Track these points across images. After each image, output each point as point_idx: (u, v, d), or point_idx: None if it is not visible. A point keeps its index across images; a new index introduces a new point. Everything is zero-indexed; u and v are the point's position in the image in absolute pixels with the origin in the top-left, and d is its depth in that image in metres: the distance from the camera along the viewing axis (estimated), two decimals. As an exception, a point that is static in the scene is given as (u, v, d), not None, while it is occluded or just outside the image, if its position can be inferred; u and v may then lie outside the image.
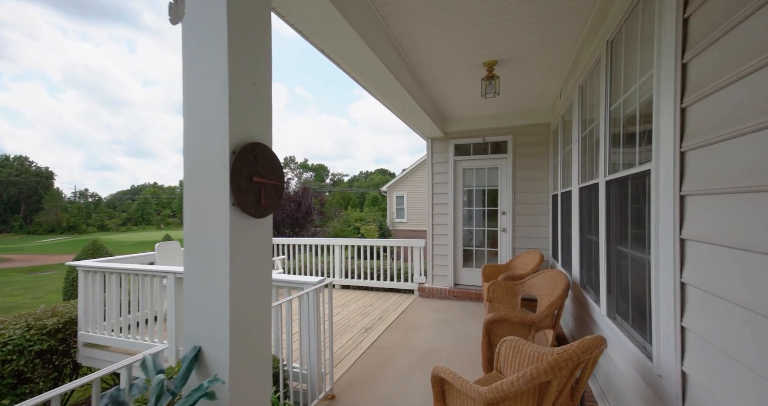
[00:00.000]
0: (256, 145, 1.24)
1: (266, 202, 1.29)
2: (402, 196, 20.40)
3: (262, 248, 1.32)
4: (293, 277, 2.54)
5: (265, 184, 1.28)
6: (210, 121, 1.19)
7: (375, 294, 5.63)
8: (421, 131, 5.16)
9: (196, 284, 1.24)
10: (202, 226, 1.22)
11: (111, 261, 3.62)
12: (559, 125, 4.08)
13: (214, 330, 1.20)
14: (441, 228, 5.39)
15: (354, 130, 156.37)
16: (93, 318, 3.36)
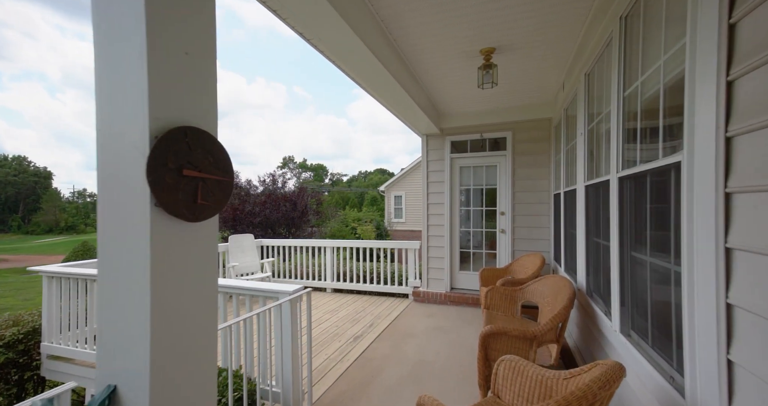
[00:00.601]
0: (188, 129, 0.97)
1: (205, 201, 1.02)
2: (400, 196, 20.18)
3: (203, 259, 1.05)
4: (267, 285, 2.28)
5: (204, 179, 1.02)
6: (125, 97, 0.92)
7: (368, 299, 5.37)
8: (416, 127, 4.91)
9: (111, 305, 0.97)
10: (117, 232, 0.95)
11: (77, 266, 3.34)
12: (561, 120, 3.82)
13: (131, 364, 0.94)
14: (436, 229, 5.13)
15: (353, 130, 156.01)
16: (57, 328, 3.08)
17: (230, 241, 5.41)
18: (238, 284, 2.28)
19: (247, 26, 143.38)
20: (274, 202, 13.39)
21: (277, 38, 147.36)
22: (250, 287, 2.25)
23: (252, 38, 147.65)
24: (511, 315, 3.26)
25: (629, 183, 1.81)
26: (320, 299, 5.39)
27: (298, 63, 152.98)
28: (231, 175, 1.13)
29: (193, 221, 1.00)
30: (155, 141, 0.89)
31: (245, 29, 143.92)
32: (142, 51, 0.89)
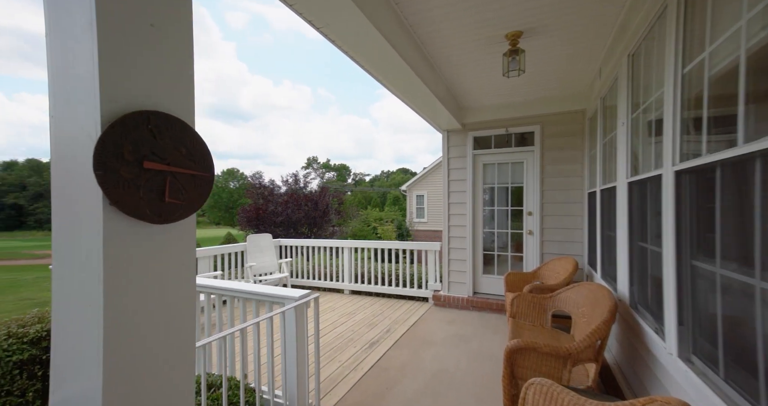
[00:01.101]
0: (153, 115, 0.83)
1: (176, 199, 0.87)
2: (422, 196, 19.88)
3: (175, 266, 0.91)
4: (273, 289, 2.15)
5: (174, 173, 0.87)
6: (77, 75, 0.79)
7: (386, 301, 5.18)
8: (437, 123, 4.66)
9: (62, 320, 0.85)
10: (70, 236, 0.82)
11: None
12: (597, 111, 3.46)
13: (83, 390, 0.80)
14: (458, 230, 4.86)
15: (375, 130, 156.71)
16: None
17: (248, 240, 5.41)
18: (244, 288, 2.17)
19: (274, 30, 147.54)
20: (295, 201, 13.53)
21: (302, 40, 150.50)
22: (256, 291, 2.13)
23: (279, 42, 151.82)
24: (540, 325, 2.97)
25: (690, 178, 1.51)
26: (337, 301, 5.27)
27: (322, 65, 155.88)
28: (209, 169, 0.98)
29: (161, 222, 0.86)
30: (107, 127, 0.75)
31: (272, 33, 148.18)
32: (92, 19, 0.74)
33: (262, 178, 14.84)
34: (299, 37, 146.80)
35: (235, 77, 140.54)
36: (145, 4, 0.83)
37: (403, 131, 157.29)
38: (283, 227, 13.30)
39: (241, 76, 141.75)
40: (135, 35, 0.81)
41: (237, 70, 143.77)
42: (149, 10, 0.84)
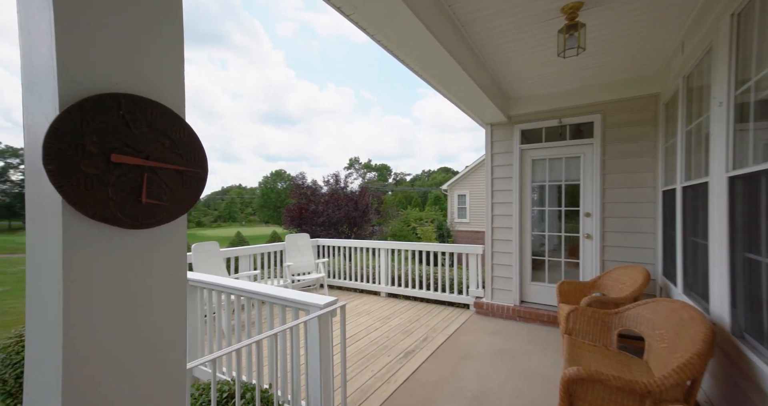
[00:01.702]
0: (125, 99, 0.69)
1: (157, 199, 0.74)
2: (464, 195, 19.20)
3: (161, 279, 0.77)
4: (298, 294, 2.02)
5: (154, 169, 0.73)
6: (39, 53, 0.67)
7: (423, 307, 4.92)
8: (479, 116, 4.30)
9: (34, 342, 0.75)
10: (37, 242, 0.72)
11: None
12: (678, 93, 2.89)
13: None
14: (503, 232, 4.45)
15: (417, 129, 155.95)
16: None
17: (286, 240, 5.48)
18: (268, 292, 2.08)
19: (320, 37, 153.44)
20: (336, 201, 13.73)
21: (346, 44, 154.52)
22: (280, 295, 2.02)
23: (324, 47, 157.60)
24: (603, 346, 2.53)
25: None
26: (373, 303, 5.12)
27: (365, 66, 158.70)
28: (201, 164, 0.83)
29: (138, 227, 0.72)
30: (61, 112, 0.63)
31: (319, 39, 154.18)
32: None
33: (305, 179, 15.28)
34: (343, 41, 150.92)
35: (284, 84, 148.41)
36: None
37: (446, 130, 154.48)
38: (324, 226, 13.56)
39: (289, 82, 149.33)
40: (104, 3, 0.68)
41: (285, 77, 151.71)
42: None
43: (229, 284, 2.35)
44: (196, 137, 0.82)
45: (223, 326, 2.51)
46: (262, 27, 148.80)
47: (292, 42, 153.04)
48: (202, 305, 2.64)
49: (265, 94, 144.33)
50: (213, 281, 2.46)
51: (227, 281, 2.41)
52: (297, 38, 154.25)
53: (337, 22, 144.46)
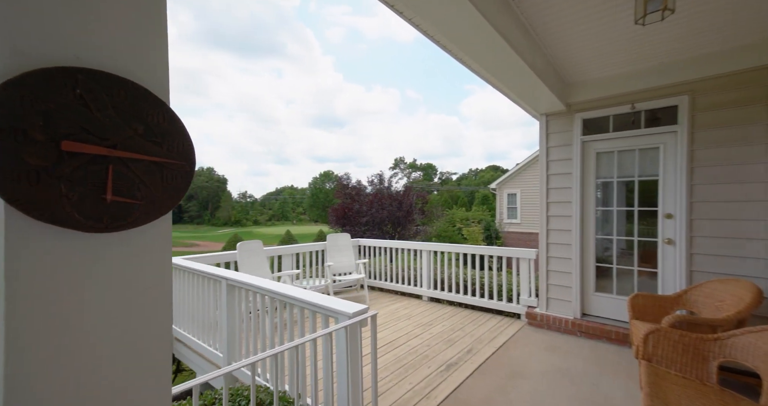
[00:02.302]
0: (82, 73, 0.58)
1: (127, 197, 0.63)
2: (514, 194, 18.08)
3: (139, 292, 0.66)
4: (327, 300, 1.89)
5: (124, 160, 0.62)
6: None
7: (468, 314, 4.58)
8: (533, 106, 3.86)
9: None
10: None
11: (193, 259, 3.79)
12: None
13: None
14: (560, 235, 3.95)
15: (464, 127, 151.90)
16: (179, 314, 3.51)
17: (327, 239, 5.49)
18: (296, 295, 1.99)
19: (367, 40, 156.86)
20: (380, 201, 13.73)
21: (392, 45, 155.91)
22: (307, 299, 1.91)
23: (371, 50, 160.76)
24: (698, 380, 2.04)
25: None
26: (414, 308, 4.90)
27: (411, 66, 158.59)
28: (186, 156, 0.71)
29: (103, 230, 0.61)
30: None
31: (366, 43, 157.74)
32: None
33: (350, 179, 15.51)
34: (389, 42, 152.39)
35: (332, 88, 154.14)
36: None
37: (495, 126, 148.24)
38: (368, 226, 13.63)
39: (337, 85, 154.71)
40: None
41: (334, 81, 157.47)
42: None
43: (262, 284, 2.31)
44: (181, 125, 0.70)
45: (261, 327, 2.49)
46: (313, 34, 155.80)
47: (341, 47, 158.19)
48: (239, 304, 2.66)
49: (315, 99, 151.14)
50: (247, 281, 2.45)
51: (260, 282, 2.38)
52: (345, 43, 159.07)
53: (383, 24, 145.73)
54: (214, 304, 2.92)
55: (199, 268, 3.04)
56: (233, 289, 2.68)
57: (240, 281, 2.52)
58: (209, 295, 2.98)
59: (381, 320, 4.34)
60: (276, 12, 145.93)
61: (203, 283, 3.07)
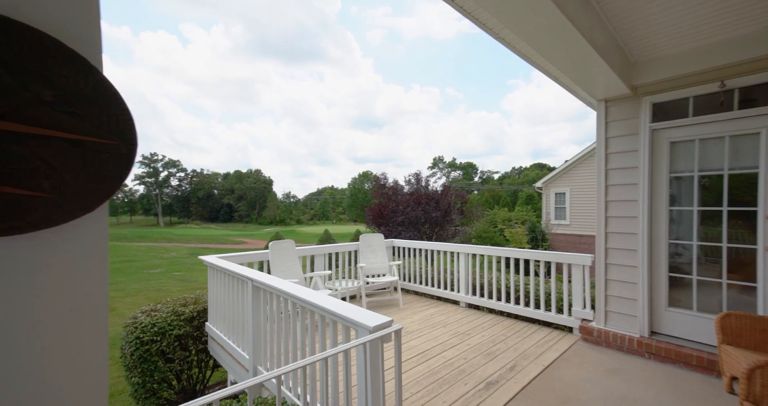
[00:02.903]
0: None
1: (25, 187, 0.46)
2: (563, 193, 16.77)
3: (59, 316, 0.50)
4: (347, 310, 1.70)
5: (23, 137, 0.46)
6: None
7: (511, 324, 4.16)
8: (590, 90, 3.36)
9: None
10: None
11: (226, 258, 3.83)
12: None
13: None
14: (622, 240, 3.40)
15: (506, 123, 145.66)
16: (215, 313, 3.56)
17: (360, 239, 5.35)
18: (314, 301, 1.82)
19: (405, 40, 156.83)
20: (416, 200, 13.43)
21: (432, 44, 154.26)
22: (325, 307, 1.73)
23: (410, 50, 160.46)
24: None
25: None
26: (451, 314, 4.57)
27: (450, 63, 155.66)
28: (121, 134, 0.54)
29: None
30: None
31: (404, 43, 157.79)
32: None
33: (387, 179, 15.39)
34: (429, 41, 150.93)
35: (372, 89, 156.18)
36: None
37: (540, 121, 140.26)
38: (404, 226, 13.39)
39: (377, 87, 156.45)
40: None
41: (373, 83, 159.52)
42: None
43: (283, 288, 2.19)
44: (113, 92, 0.53)
45: (285, 331, 2.37)
46: (354, 37, 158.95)
47: (380, 48, 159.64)
48: (264, 306, 2.57)
49: (355, 101, 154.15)
50: (269, 283, 2.35)
51: (281, 285, 2.26)
52: (385, 44, 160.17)
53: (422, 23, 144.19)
54: (241, 304, 2.88)
55: (229, 267, 3.02)
56: (258, 290, 2.60)
57: (264, 282, 2.43)
58: (237, 295, 2.95)
59: (414, 326, 4.08)
60: (319, 18, 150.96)
61: (232, 282, 3.05)
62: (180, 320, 3.55)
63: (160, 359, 3.37)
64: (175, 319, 3.52)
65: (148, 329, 3.33)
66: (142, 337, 3.28)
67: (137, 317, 3.47)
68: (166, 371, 3.39)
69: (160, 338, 3.35)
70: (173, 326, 3.46)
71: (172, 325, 3.46)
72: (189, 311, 3.66)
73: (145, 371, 3.26)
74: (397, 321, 4.26)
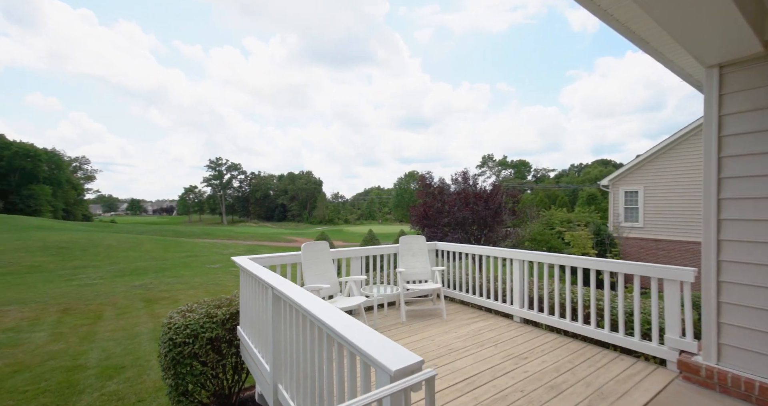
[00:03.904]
0: None
1: None
2: (635, 192, 14.74)
3: None
4: (364, 337, 1.30)
5: None
6: None
7: (578, 348, 3.43)
8: (699, 52, 2.54)
9: None
10: None
11: (258, 259, 3.66)
12: None
13: None
14: (747, 251, 2.53)
15: (565, 118, 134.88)
16: (244, 317, 3.41)
17: (400, 242, 4.93)
18: (329, 322, 1.45)
19: (455, 37, 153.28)
20: (463, 200, 12.65)
21: (482, 38, 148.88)
22: (341, 332, 1.35)
23: (459, 46, 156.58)
24: None
25: None
26: (503, 331, 3.96)
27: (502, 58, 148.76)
28: None
29: None
30: None
31: (454, 40, 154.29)
32: None
33: (432, 178, 14.79)
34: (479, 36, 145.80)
35: (419, 89, 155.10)
36: None
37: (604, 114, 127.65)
38: (450, 226, 12.69)
39: (424, 86, 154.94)
40: None
41: (421, 82, 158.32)
42: None
43: (299, 300, 1.86)
44: None
45: (302, 347, 2.05)
46: (402, 37, 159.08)
47: (428, 47, 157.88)
48: (284, 316, 2.28)
49: (402, 102, 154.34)
50: (287, 293, 2.04)
51: (298, 296, 1.94)
52: (433, 43, 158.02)
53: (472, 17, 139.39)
54: (264, 312, 2.64)
55: (254, 270, 2.81)
56: (278, 300, 2.32)
57: (281, 291, 2.14)
58: (261, 301, 2.72)
59: (458, 343, 3.56)
60: (368, 22, 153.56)
61: (257, 287, 2.84)
62: (212, 322, 3.46)
63: (193, 361, 3.30)
64: (208, 321, 3.43)
65: (181, 330, 3.27)
66: (175, 338, 3.22)
67: (172, 317, 3.45)
68: (199, 374, 3.32)
69: (192, 341, 3.28)
70: (205, 328, 3.38)
71: (205, 327, 3.38)
72: (222, 314, 3.57)
73: (178, 374, 3.21)
74: (441, 335, 3.77)
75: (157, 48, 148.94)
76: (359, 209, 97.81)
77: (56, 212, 52.31)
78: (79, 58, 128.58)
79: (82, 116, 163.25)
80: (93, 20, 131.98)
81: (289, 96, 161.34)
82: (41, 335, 7.39)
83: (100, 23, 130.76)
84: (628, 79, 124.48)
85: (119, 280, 13.14)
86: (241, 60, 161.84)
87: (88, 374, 5.26)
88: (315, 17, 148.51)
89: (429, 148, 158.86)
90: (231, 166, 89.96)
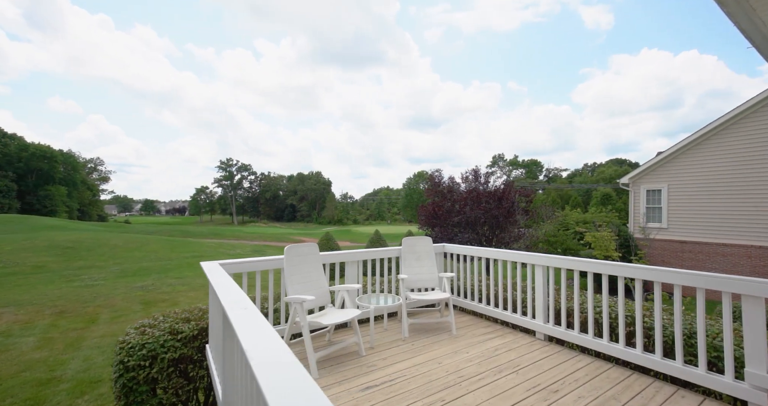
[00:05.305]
0: None
1: None
2: (658, 191, 13.76)
3: None
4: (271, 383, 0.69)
5: None
6: None
7: (621, 375, 2.74)
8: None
9: None
10: None
11: (230, 264, 3.09)
12: None
13: None
14: None
15: (578, 117, 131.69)
16: (211, 333, 2.84)
17: (403, 244, 4.30)
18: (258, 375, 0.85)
19: (465, 36, 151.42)
20: (474, 199, 11.95)
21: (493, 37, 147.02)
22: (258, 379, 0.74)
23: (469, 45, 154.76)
24: None
25: None
26: (523, 351, 3.29)
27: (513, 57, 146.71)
28: None
29: None
30: None
31: (464, 39, 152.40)
32: None
33: (442, 176, 14.10)
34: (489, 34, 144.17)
35: (429, 89, 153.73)
36: None
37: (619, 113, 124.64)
38: (460, 227, 12.00)
39: (434, 86, 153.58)
40: None
41: (431, 82, 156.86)
42: None
43: (240, 332, 1.26)
44: None
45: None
46: (411, 37, 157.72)
47: (438, 46, 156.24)
48: (233, 350, 1.68)
49: (411, 102, 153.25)
50: (232, 318, 1.45)
51: (241, 324, 1.34)
52: (443, 41, 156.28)
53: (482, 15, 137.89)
54: (219, 332, 2.06)
55: (212, 280, 2.23)
56: (229, 325, 1.73)
57: (229, 315, 1.55)
58: (217, 318, 2.14)
59: (470, 368, 2.91)
60: (378, 22, 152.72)
61: (216, 300, 2.25)
62: (176, 340, 2.90)
63: (150, 387, 2.75)
64: (171, 339, 2.88)
65: (136, 351, 2.72)
66: (127, 361, 2.67)
67: (128, 334, 2.90)
68: (158, 404, 2.76)
69: (149, 363, 2.72)
70: (167, 347, 2.82)
71: (166, 346, 2.82)
72: (189, 329, 3.01)
73: (131, 404, 2.66)
74: (449, 356, 3.13)
75: (171, 51, 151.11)
76: (368, 209, 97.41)
77: (71, 213, 53.38)
78: (96, 62, 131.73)
79: (100, 118, 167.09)
80: (110, 25, 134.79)
81: (299, 97, 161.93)
82: (30, 339, 7.03)
83: (116, 28, 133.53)
84: (643, 76, 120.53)
85: (121, 281, 12.86)
86: (252, 62, 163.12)
87: (60, 388, 4.80)
88: (325, 18, 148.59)
89: (438, 148, 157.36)
90: (241, 167, 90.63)
